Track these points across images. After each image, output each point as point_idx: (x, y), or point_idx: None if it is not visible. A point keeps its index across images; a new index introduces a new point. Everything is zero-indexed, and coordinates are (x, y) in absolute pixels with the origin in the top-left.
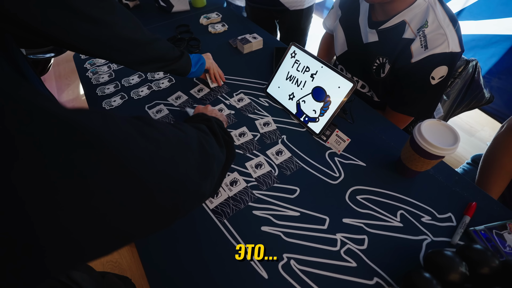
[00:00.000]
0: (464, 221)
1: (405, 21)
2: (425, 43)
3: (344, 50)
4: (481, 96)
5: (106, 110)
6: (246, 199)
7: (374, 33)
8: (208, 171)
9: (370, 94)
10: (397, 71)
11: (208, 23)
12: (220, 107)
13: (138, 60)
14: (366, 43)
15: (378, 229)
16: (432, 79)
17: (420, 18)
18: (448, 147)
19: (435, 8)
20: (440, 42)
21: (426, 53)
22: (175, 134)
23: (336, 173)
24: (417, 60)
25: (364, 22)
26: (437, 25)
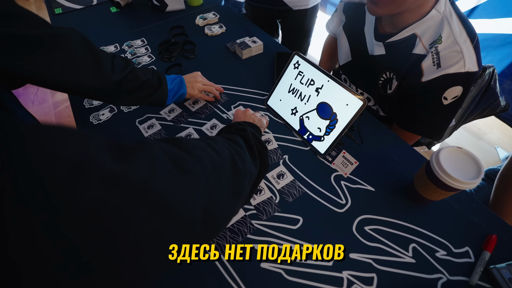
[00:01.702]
0: (484, 257)
1: (416, 34)
2: (438, 60)
3: (348, 60)
4: (496, 105)
5: (149, 142)
6: (245, 231)
7: (381, 46)
8: (241, 190)
9: (376, 108)
10: (405, 88)
11: (204, 24)
12: (213, 123)
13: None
14: (372, 55)
15: (388, 265)
16: (444, 99)
17: (433, 32)
18: (470, 181)
19: (450, 21)
20: (455, 60)
21: (438, 72)
22: (211, 160)
23: (342, 199)
24: (428, 80)
25: (370, 32)
26: (452, 41)
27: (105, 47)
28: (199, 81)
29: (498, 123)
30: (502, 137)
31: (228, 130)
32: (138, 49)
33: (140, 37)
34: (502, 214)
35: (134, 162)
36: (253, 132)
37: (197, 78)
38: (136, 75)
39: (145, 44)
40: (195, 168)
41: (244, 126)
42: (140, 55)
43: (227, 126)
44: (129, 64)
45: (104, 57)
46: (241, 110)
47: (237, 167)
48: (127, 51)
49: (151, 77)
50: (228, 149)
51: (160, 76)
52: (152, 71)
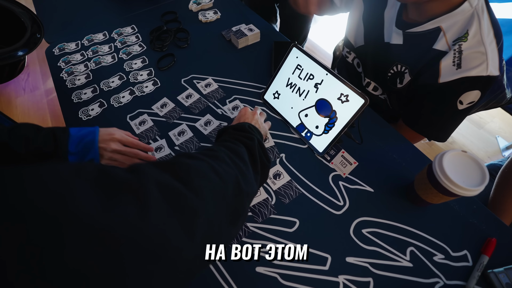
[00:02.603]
0: (482, 261)
1: (440, 28)
2: (459, 61)
3: (361, 44)
4: (502, 97)
5: (142, 175)
6: (240, 234)
7: (400, 35)
8: (241, 212)
9: (384, 98)
10: (418, 87)
11: (198, 10)
12: (207, 119)
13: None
14: (387, 42)
15: (385, 270)
16: (459, 104)
17: (460, 28)
18: (473, 188)
19: (481, 17)
20: (477, 63)
21: (458, 74)
22: (212, 188)
23: (340, 201)
24: (446, 81)
25: (391, 17)
26: (478, 41)
27: (93, 35)
28: (111, 149)
29: (500, 112)
30: (503, 127)
31: (235, 136)
32: (128, 37)
33: (130, 24)
34: (501, 212)
35: (122, 207)
36: (260, 141)
37: (109, 145)
38: (8, 149)
39: (135, 32)
40: (193, 204)
41: (252, 134)
42: (131, 44)
43: (233, 128)
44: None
45: None
46: (250, 111)
47: (240, 189)
48: (117, 40)
49: (42, 144)
50: (232, 170)
51: (58, 137)
52: (45, 133)
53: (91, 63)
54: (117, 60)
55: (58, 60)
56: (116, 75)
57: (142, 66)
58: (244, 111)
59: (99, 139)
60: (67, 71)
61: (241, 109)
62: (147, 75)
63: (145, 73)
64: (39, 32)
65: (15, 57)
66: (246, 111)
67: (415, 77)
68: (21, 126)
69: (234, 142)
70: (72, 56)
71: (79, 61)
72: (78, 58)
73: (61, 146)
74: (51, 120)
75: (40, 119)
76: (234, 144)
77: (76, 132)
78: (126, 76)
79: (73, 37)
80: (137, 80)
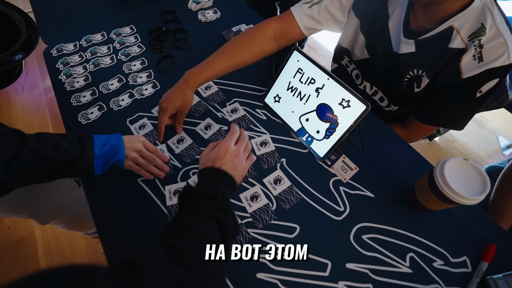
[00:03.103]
0: (481, 268)
1: (452, 27)
2: (480, 54)
3: (365, 57)
4: (504, 98)
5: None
6: (241, 240)
7: (411, 44)
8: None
9: (388, 110)
10: (438, 85)
11: (198, 9)
12: (207, 123)
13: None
14: (397, 52)
15: (384, 276)
16: (479, 93)
17: (473, 23)
18: (474, 197)
19: (492, 9)
20: (499, 53)
21: (481, 67)
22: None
23: (341, 206)
24: (469, 76)
25: (398, 28)
26: (496, 32)
27: (91, 35)
28: (138, 149)
29: (501, 111)
30: (504, 125)
31: (209, 208)
32: (127, 37)
33: (129, 24)
34: (500, 215)
35: None
36: (233, 213)
37: (135, 145)
38: (38, 154)
39: (134, 32)
40: None
41: (228, 207)
42: (130, 45)
43: (206, 196)
44: (23, 143)
45: None
46: (231, 151)
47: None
48: (116, 40)
49: (68, 147)
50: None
51: (83, 140)
52: (71, 137)
53: (90, 65)
54: (116, 61)
55: (56, 62)
56: (115, 77)
57: (142, 68)
58: (224, 149)
59: (124, 140)
60: (66, 73)
61: (223, 144)
62: (147, 77)
63: (144, 75)
64: (34, 34)
65: (12, 62)
66: (226, 152)
67: (433, 78)
68: (45, 133)
69: (208, 221)
70: (71, 57)
71: (77, 62)
72: (77, 59)
73: (88, 148)
74: (51, 118)
75: (39, 118)
76: (209, 229)
77: (99, 137)
78: (125, 78)
79: (71, 37)
80: (137, 82)
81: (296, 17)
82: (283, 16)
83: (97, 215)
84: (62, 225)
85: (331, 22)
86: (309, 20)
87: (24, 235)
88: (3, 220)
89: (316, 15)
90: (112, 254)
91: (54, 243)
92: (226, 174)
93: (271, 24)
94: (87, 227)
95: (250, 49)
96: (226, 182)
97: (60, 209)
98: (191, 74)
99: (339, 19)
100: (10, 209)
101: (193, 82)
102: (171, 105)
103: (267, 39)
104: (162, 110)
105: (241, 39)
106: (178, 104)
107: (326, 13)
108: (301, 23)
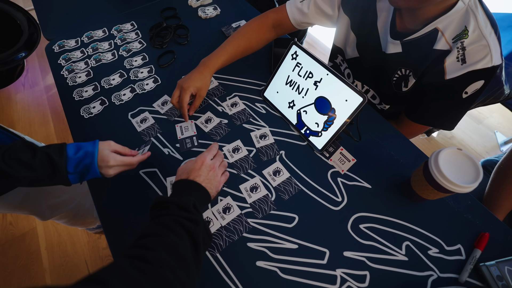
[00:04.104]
0: (475, 255)
1: (437, 28)
2: (463, 56)
3: (355, 56)
4: (500, 93)
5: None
6: (240, 229)
7: (397, 44)
8: None
9: (381, 108)
10: (423, 85)
11: (198, 5)
12: (208, 117)
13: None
14: (385, 52)
15: (381, 263)
16: (464, 94)
17: (457, 25)
18: (467, 185)
19: (476, 12)
20: (481, 55)
21: (464, 69)
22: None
23: (338, 197)
24: (452, 77)
25: (385, 28)
26: (479, 35)
27: (93, 31)
28: (111, 153)
29: (499, 107)
30: (502, 122)
31: (178, 219)
32: (128, 34)
33: (130, 20)
34: (496, 207)
35: None
36: (204, 223)
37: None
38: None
39: (135, 28)
40: None
41: (198, 217)
42: (131, 41)
43: (177, 207)
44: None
45: None
46: (207, 164)
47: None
48: (117, 37)
49: (40, 168)
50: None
51: (55, 163)
52: (41, 158)
53: (91, 61)
54: (117, 57)
55: (58, 58)
56: (117, 73)
57: (143, 63)
58: (200, 163)
59: (98, 159)
60: (68, 68)
61: (199, 157)
62: (148, 72)
63: (145, 70)
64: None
65: (15, 61)
66: (202, 166)
67: (419, 78)
68: (15, 148)
69: (177, 231)
70: (72, 53)
71: (79, 58)
72: (78, 55)
73: (59, 171)
74: (52, 116)
75: (40, 115)
76: (178, 238)
77: (73, 154)
78: (126, 73)
79: (73, 34)
80: (138, 77)
81: (288, 10)
82: (279, 8)
83: (100, 208)
84: (64, 220)
85: (320, 16)
86: (298, 14)
87: (26, 230)
88: (5, 216)
89: (305, 8)
90: (116, 245)
91: (56, 238)
92: (199, 186)
93: (270, 15)
94: (88, 222)
95: (256, 37)
96: (198, 194)
97: (61, 205)
98: (208, 59)
99: (328, 13)
100: (12, 205)
101: (211, 66)
102: (192, 85)
103: (268, 28)
104: (184, 90)
105: (248, 28)
106: (199, 85)
107: (315, 7)
108: (291, 15)
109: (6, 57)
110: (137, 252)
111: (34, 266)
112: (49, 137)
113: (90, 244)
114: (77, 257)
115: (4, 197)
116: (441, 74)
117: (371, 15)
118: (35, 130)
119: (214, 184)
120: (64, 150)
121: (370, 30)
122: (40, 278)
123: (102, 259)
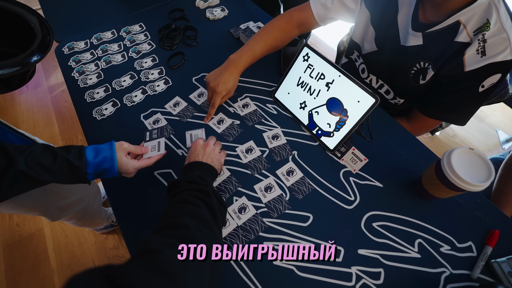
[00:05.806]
0: (486, 252)
1: (459, 21)
2: (483, 49)
3: (373, 50)
4: (504, 92)
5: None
6: (256, 229)
7: (418, 36)
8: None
9: (394, 103)
10: (442, 78)
11: (205, 7)
12: (220, 118)
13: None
14: (404, 45)
15: (394, 261)
16: (481, 87)
17: (479, 18)
18: (480, 183)
19: (498, 6)
20: (501, 48)
21: (483, 61)
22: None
23: (351, 196)
24: (472, 69)
25: (406, 21)
26: (500, 28)
27: (102, 33)
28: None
29: (501, 106)
30: (504, 120)
31: (191, 192)
32: (136, 35)
33: (138, 22)
34: (504, 203)
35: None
36: (213, 190)
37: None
38: (26, 177)
39: (143, 30)
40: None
41: (206, 186)
42: (140, 43)
43: (185, 181)
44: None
45: None
46: (200, 144)
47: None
48: (126, 38)
49: (60, 174)
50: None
51: (75, 167)
52: (60, 163)
53: (102, 62)
54: (127, 59)
55: (68, 59)
56: (127, 74)
57: (153, 64)
58: (194, 146)
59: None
60: (78, 70)
61: (193, 142)
62: (158, 73)
63: (156, 71)
64: (48, 35)
65: (31, 63)
66: (196, 146)
67: (438, 70)
68: (36, 152)
69: (193, 201)
70: (82, 55)
71: (89, 60)
72: (88, 57)
73: (80, 174)
74: (56, 116)
75: (44, 116)
76: (195, 206)
77: (92, 158)
78: (137, 75)
79: (82, 35)
80: (149, 79)
81: (312, 6)
82: (302, 6)
83: (116, 207)
84: (72, 221)
85: (343, 10)
86: (322, 9)
87: (33, 231)
88: (12, 217)
89: (329, 3)
90: (131, 242)
91: (63, 239)
92: (200, 163)
93: (294, 14)
94: (96, 223)
95: (282, 36)
96: (201, 168)
97: (70, 206)
98: (238, 58)
99: (351, 7)
100: (24, 207)
101: (241, 66)
102: (225, 88)
103: (293, 27)
104: (217, 94)
105: (273, 27)
106: (229, 87)
107: (338, 1)
108: (315, 11)
109: (22, 59)
110: (166, 223)
111: (42, 266)
112: (54, 138)
113: (98, 244)
114: (84, 258)
115: (16, 199)
116: (460, 66)
117: (392, 8)
118: (40, 131)
119: (214, 157)
120: (83, 154)
121: (389, 24)
122: (48, 279)
123: (110, 259)
